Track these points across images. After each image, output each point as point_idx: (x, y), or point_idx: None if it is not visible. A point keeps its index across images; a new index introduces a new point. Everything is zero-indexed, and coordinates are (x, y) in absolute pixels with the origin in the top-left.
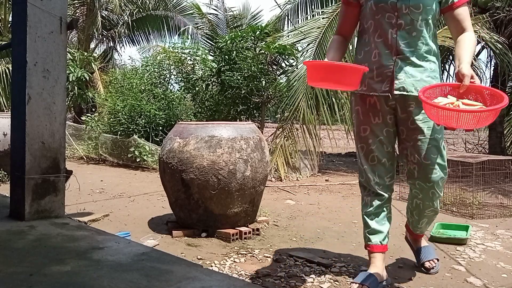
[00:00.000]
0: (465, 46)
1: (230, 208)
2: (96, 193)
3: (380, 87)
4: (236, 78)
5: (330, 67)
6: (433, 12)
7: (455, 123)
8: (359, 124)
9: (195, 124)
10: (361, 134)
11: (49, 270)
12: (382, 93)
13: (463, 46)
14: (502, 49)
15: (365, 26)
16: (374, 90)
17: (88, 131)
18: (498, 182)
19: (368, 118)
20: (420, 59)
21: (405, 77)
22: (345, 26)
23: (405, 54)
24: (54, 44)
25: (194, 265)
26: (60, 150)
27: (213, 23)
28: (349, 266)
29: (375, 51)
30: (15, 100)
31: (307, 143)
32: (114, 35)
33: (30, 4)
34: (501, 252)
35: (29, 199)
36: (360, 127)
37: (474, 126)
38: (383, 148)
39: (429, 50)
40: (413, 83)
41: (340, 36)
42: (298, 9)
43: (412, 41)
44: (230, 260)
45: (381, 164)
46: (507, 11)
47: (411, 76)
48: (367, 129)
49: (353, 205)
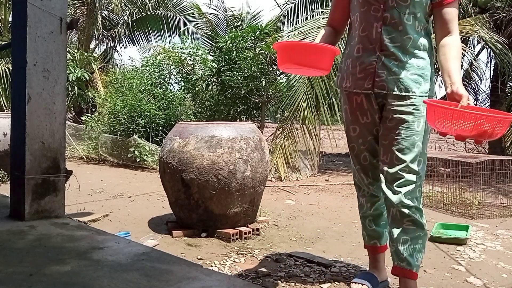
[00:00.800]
0: (452, 58)
1: (230, 208)
2: (96, 193)
3: (362, 84)
4: (236, 78)
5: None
6: (422, 5)
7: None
8: (348, 124)
9: (195, 124)
10: (351, 134)
11: (49, 270)
12: (364, 90)
13: (451, 58)
14: (502, 49)
15: (352, 19)
16: (357, 86)
17: (88, 131)
18: (498, 182)
19: (357, 118)
20: (406, 54)
21: (386, 75)
22: (335, 17)
23: (390, 49)
24: (54, 44)
25: (194, 265)
26: (60, 150)
27: (213, 23)
28: (349, 266)
29: (359, 45)
30: (15, 100)
31: (307, 143)
32: (114, 35)
33: (30, 4)
34: (501, 252)
35: (29, 199)
36: (350, 127)
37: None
38: (375, 148)
39: (417, 46)
40: (395, 80)
41: (330, 27)
42: (298, 9)
43: (398, 36)
44: (230, 260)
45: (373, 164)
46: (507, 11)
47: (393, 74)
48: (356, 129)
49: (353, 205)
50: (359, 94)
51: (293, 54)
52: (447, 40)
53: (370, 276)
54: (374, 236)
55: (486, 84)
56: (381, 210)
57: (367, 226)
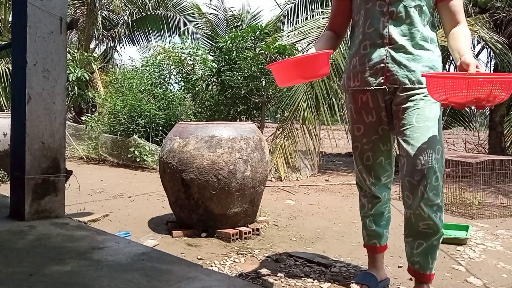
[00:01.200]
0: (462, 39)
1: (230, 208)
2: (96, 193)
3: (374, 81)
4: (236, 78)
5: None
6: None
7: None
8: (353, 123)
9: (195, 124)
10: (355, 133)
11: (49, 270)
12: (377, 86)
13: (460, 39)
14: (502, 49)
15: (355, 18)
16: (368, 84)
17: (88, 131)
18: (498, 182)
19: (361, 117)
20: (416, 47)
21: (397, 69)
22: (337, 20)
23: (399, 43)
24: (54, 44)
25: (194, 265)
26: (60, 150)
27: (213, 23)
28: (349, 266)
29: (366, 42)
30: (15, 100)
31: (307, 143)
32: (114, 35)
33: (30, 4)
34: (501, 252)
35: (29, 199)
36: (354, 126)
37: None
38: (379, 147)
39: (425, 38)
40: (407, 74)
41: (331, 31)
42: (298, 9)
43: (405, 29)
44: (230, 260)
45: (376, 164)
46: (507, 11)
47: (405, 67)
48: (361, 128)
49: (353, 205)
50: (365, 92)
51: (288, 73)
52: (457, 28)
53: (370, 276)
54: (374, 236)
55: None
56: (381, 211)
57: (368, 226)
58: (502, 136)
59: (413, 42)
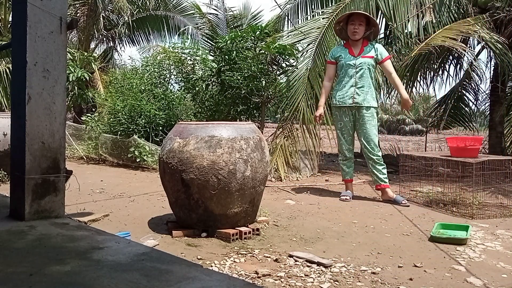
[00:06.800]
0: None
1: (230, 208)
2: (96, 193)
3: (348, 101)
4: (236, 78)
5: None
6: (373, 65)
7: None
8: (339, 120)
9: (195, 124)
10: (340, 126)
11: (49, 270)
12: (349, 104)
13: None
14: (502, 49)
15: (338, 72)
16: (345, 103)
17: (88, 131)
18: (498, 182)
19: (342, 118)
20: (366, 88)
21: (358, 97)
22: (331, 75)
23: (360, 86)
24: (54, 44)
25: (194, 265)
26: (60, 150)
27: (213, 23)
28: (349, 266)
29: (346, 85)
30: (15, 100)
31: (307, 143)
32: (114, 35)
33: (30, 4)
34: (501, 252)
35: (29, 199)
36: (339, 122)
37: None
38: (349, 132)
39: (372, 83)
40: (363, 99)
41: (329, 82)
42: (298, 9)
43: (363, 80)
44: (230, 260)
45: (349, 140)
46: (507, 11)
47: (362, 96)
48: (342, 123)
49: (353, 205)
50: (344, 107)
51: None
52: (391, 73)
53: (349, 192)
54: (348, 174)
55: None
56: (351, 162)
57: (344, 169)
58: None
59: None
